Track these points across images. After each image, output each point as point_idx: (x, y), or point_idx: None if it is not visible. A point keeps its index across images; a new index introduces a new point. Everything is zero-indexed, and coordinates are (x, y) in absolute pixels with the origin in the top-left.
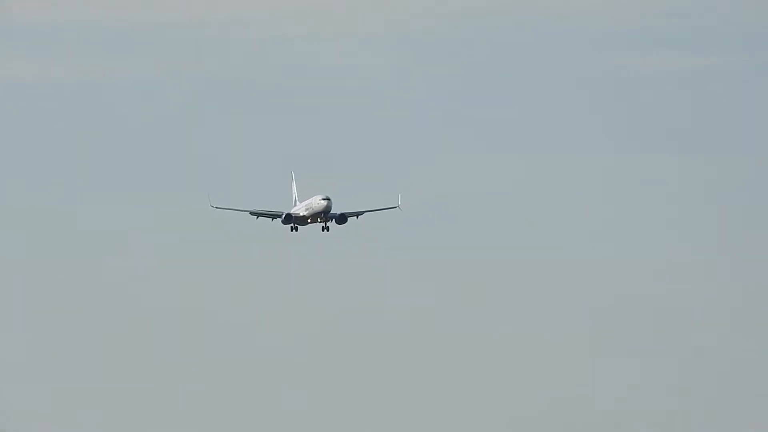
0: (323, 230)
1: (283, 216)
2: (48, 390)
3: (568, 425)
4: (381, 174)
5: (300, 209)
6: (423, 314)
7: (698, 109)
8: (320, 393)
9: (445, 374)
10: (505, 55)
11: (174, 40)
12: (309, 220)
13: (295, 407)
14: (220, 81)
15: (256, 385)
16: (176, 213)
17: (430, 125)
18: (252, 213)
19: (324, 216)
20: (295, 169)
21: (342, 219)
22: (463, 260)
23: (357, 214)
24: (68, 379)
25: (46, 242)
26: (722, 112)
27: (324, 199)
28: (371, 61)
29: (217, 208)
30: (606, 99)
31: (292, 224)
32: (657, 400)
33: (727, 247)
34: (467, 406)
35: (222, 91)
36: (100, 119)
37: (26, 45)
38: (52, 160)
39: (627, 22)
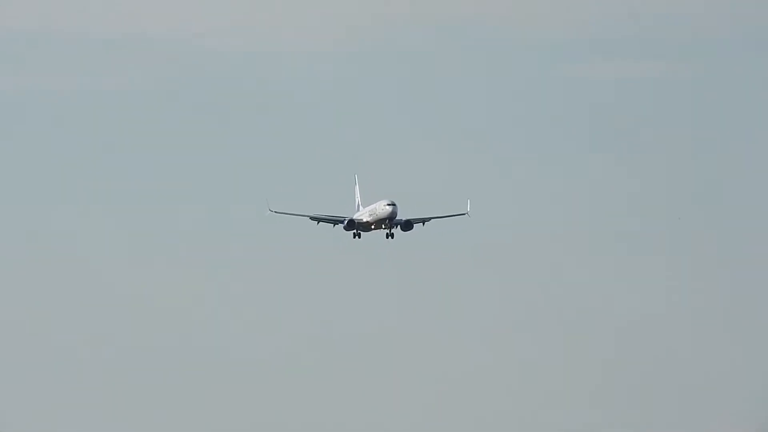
0: (387, 237)
1: (346, 222)
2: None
3: None
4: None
5: (363, 215)
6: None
7: (650, 116)
8: (379, 402)
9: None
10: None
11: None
12: (373, 227)
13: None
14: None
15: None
16: (233, 217)
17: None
18: (313, 218)
19: (389, 222)
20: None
21: (408, 225)
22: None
23: (423, 221)
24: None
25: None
26: (672, 117)
27: (389, 205)
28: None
29: (275, 212)
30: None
31: (354, 230)
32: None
33: (689, 251)
34: (539, 413)
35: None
36: (139, 126)
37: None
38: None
39: (578, 31)
